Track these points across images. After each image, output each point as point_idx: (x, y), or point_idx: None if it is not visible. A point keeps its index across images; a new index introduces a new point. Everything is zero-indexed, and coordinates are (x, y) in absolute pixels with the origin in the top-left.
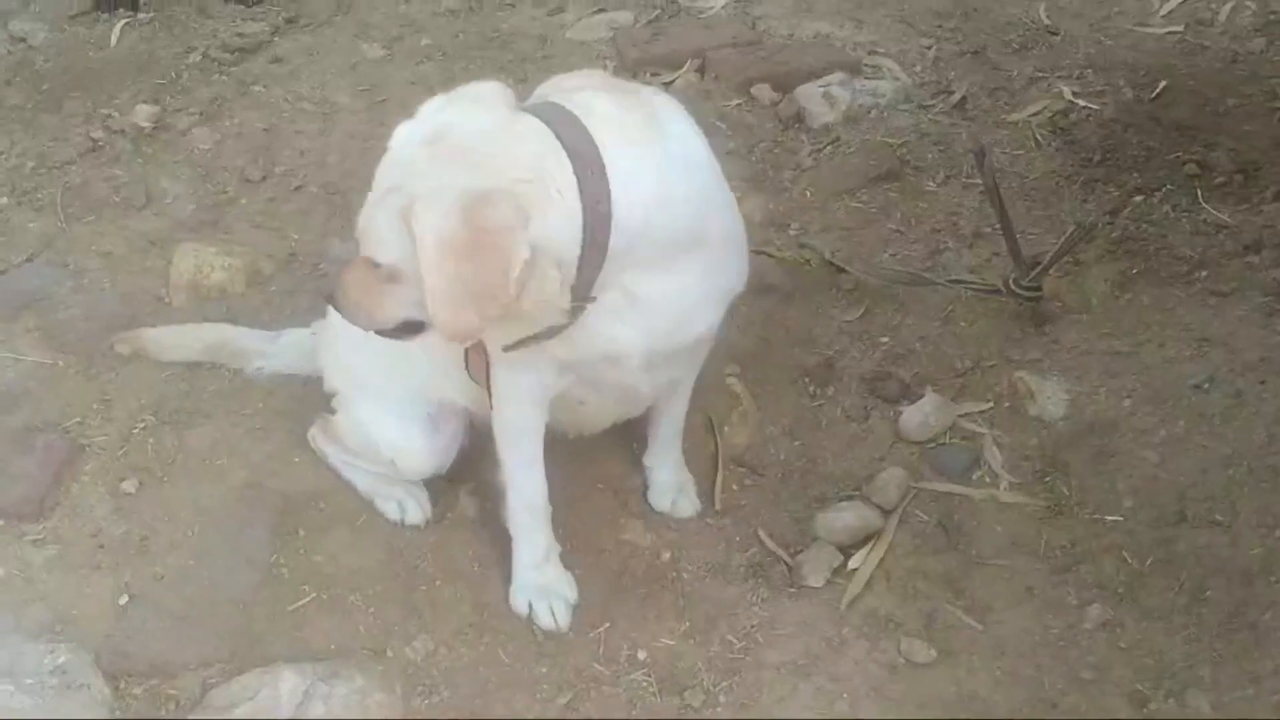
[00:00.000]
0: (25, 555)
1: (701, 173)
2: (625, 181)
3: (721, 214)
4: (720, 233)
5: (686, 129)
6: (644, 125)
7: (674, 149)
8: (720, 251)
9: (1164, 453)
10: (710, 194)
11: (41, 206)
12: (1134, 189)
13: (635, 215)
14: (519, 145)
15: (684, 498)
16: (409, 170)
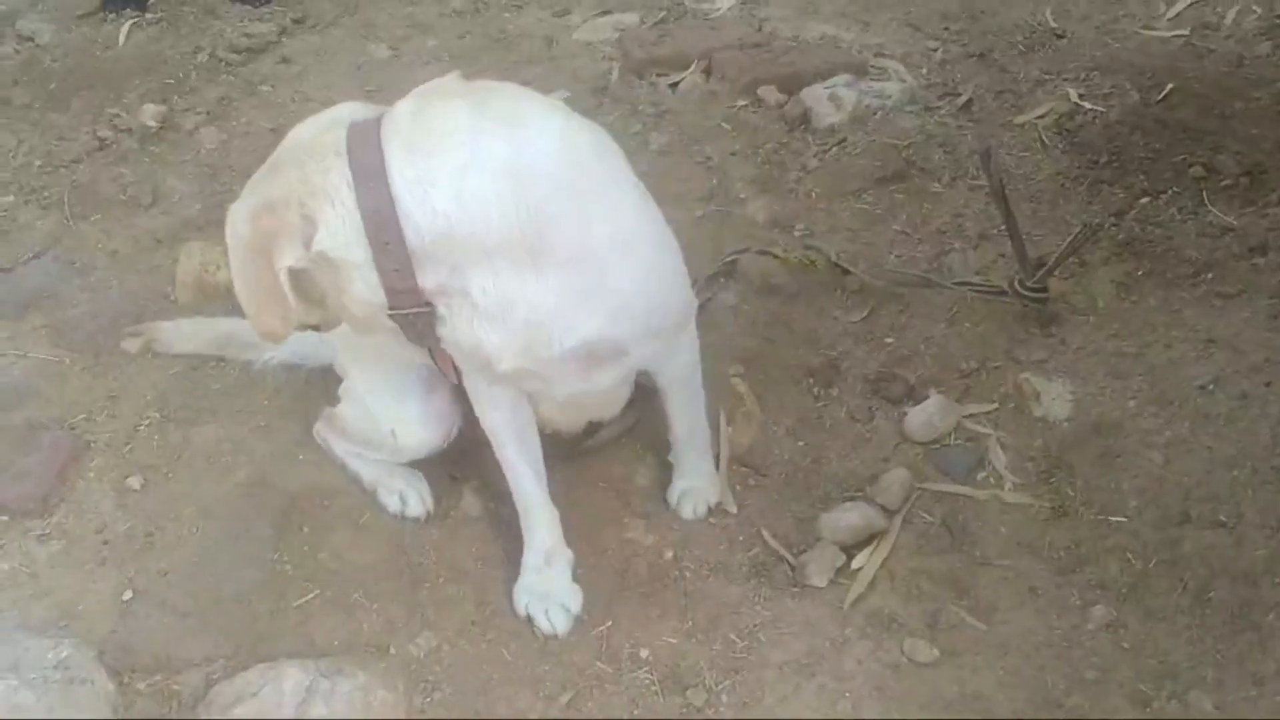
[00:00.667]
0: (30, 551)
1: (534, 178)
2: (411, 187)
3: (582, 221)
4: (579, 240)
5: (529, 133)
6: (451, 131)
7: (493, 152)
8: (586, 260)
9: (1169, 454)
10: (550, 198)
11: (49, 204)
12: (1140, 191)
13: (429, 220)
14: (311, 158)
15: (687, 501)
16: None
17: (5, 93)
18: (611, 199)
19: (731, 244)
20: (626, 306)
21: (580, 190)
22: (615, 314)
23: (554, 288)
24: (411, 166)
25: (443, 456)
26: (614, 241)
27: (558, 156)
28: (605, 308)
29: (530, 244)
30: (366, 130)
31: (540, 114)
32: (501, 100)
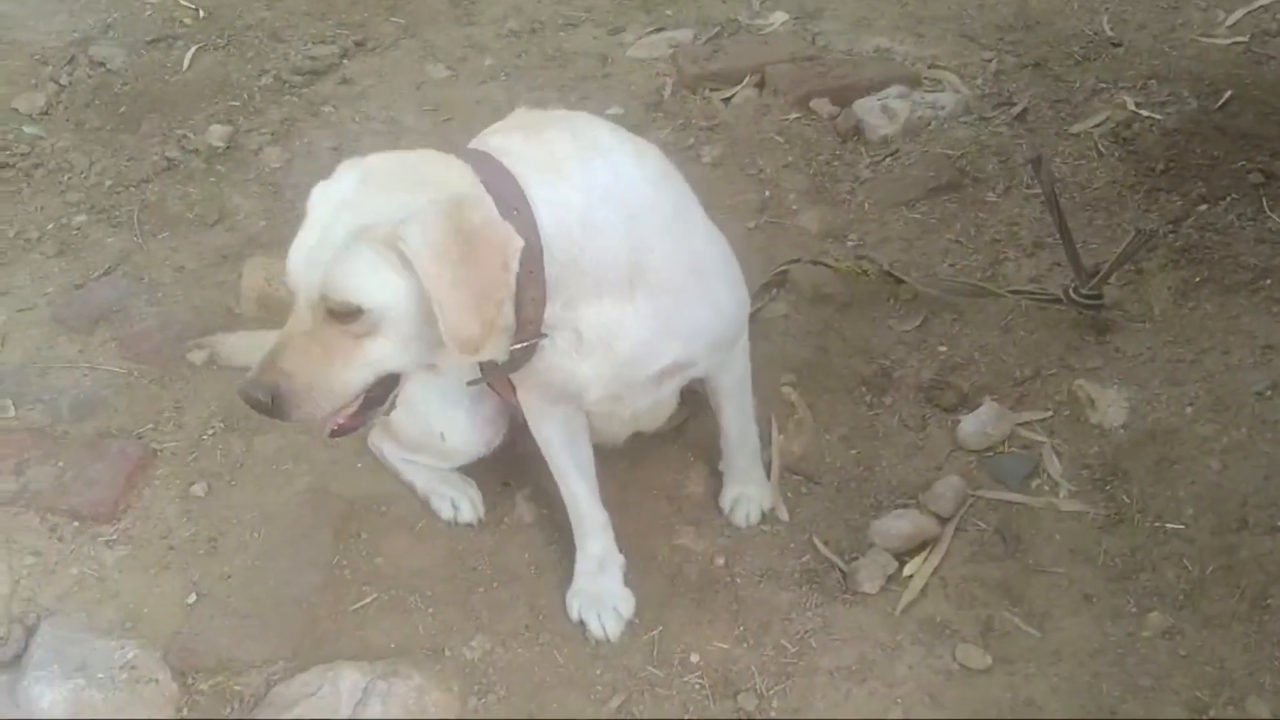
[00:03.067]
0: (99, 555)
1: (635, 205)
2: (550, 212)
3: (668, 246)
4: (669, 263)
5: (620, 159)
6: (566, 157)
7: (603, 181)
8: (671, 285)
9: (1226, 460)
10: (646, 224)
11: (119, 223)
12: (1198, 198)
13: (565, 248)
14: (448, 168)
15: (740, 508)
16: (356, 211)
17: (78, 115)
18: (686, 222)
19: (784, 255)
20: (702, 327)
21: (664, 216)
22: (692, 335)
23: (646, 316)
24: (549, 195)
25: (496, 464)
26: (691, 265)
27: (644, 183)
28: (685, 331)
29: (631, 273)
30: (488, 161)
31: (617, 139)
32: (586, 127)
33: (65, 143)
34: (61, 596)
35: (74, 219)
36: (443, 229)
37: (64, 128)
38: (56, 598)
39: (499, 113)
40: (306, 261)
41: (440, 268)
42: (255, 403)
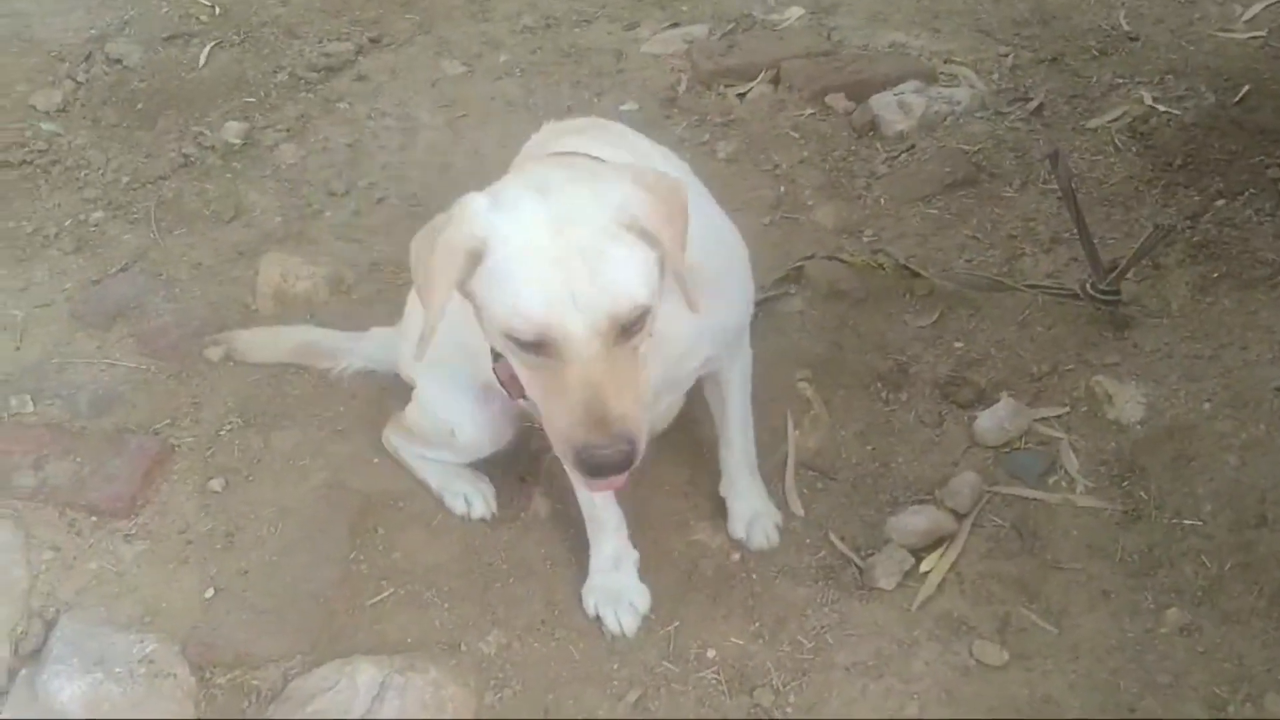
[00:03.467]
0: (117, 550)
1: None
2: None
3: (707, 246)
4: (708, 266)
5: (663, 164)
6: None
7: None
8: (707, 286)
9: (1244, 456)
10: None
11: (136, 219)
12: (1216, 193)
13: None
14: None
15: (758, 528)
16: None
17: (95, 112)
18: (714, 222)
19: (799, 250)
20: (725, 321)
21: (701, 218)
22: (719, 330)
23: (692, 318)
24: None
25: (512, 459)
26: (721, 263)
27: (684, 187)
28: (715, 326)
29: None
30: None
31: (649, 143)
32: (623, 132)
33: (82, 140)
34: (80, 591)
35: (91, 215)
36: (651, 201)
37: (81, 125)
38: (75, 592)
39: (513, 109)
40: (583, 294)
41: (670, 234)
42: (618, 463)
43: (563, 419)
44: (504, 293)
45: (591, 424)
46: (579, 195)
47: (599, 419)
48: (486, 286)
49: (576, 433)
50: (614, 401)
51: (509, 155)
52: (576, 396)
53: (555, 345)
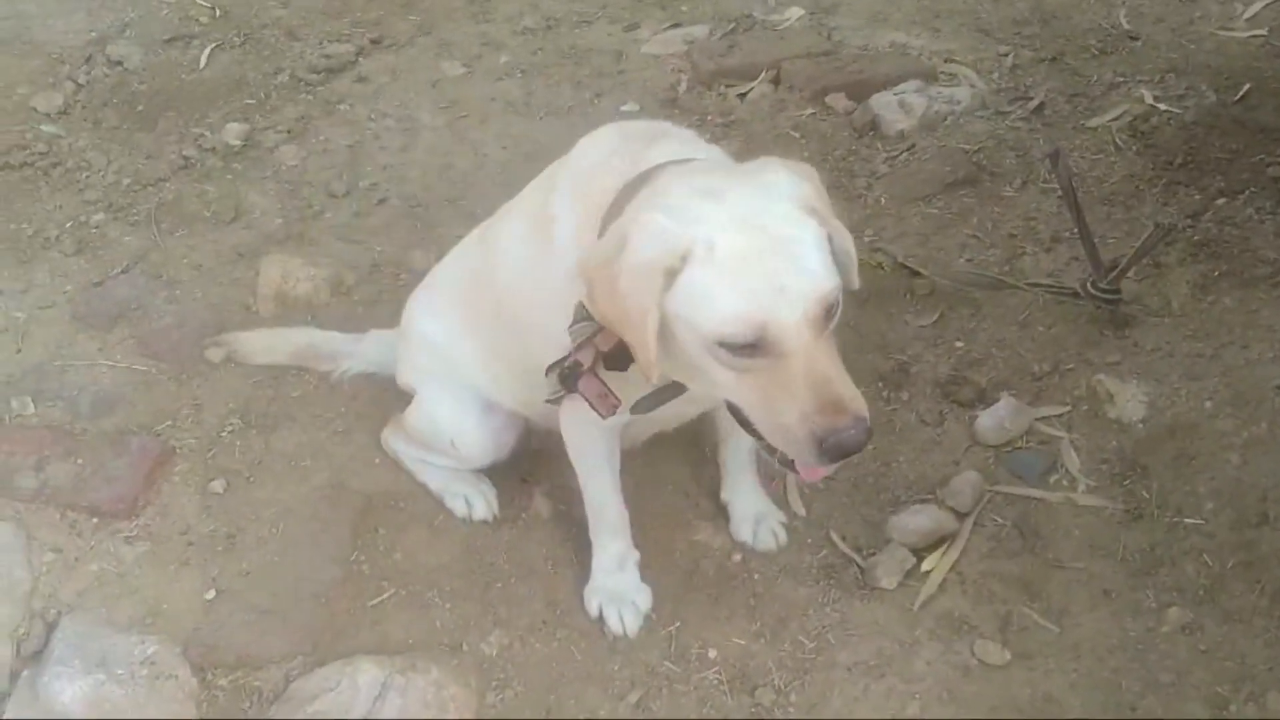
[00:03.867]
0: (118, 552)
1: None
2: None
3: None
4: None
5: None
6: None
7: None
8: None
9: (1246, 454)
10: None
11: (137, 221)
12: (1216, 192)
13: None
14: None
15: (763, 529)
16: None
17: (96, 114)
18: None
19: None
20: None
21: None
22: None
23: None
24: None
25: (514, 460)
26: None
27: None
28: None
29: None
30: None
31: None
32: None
33: (83, 141)
34: (81, 592)
35: (92, 217)
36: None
37: (82, 127)
38: (77, 594)
39: (514, 109)
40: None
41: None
42: (861, 442)
43: (793, 413)
44: (711, 302)
45: (829, 410)
46: (750, 191)
47: (835, 403)
48: (688, 301)
49: (816, 421)
50: (841, 385)
51: (510, 156)
52: (803, 387)
53: (771, 343)
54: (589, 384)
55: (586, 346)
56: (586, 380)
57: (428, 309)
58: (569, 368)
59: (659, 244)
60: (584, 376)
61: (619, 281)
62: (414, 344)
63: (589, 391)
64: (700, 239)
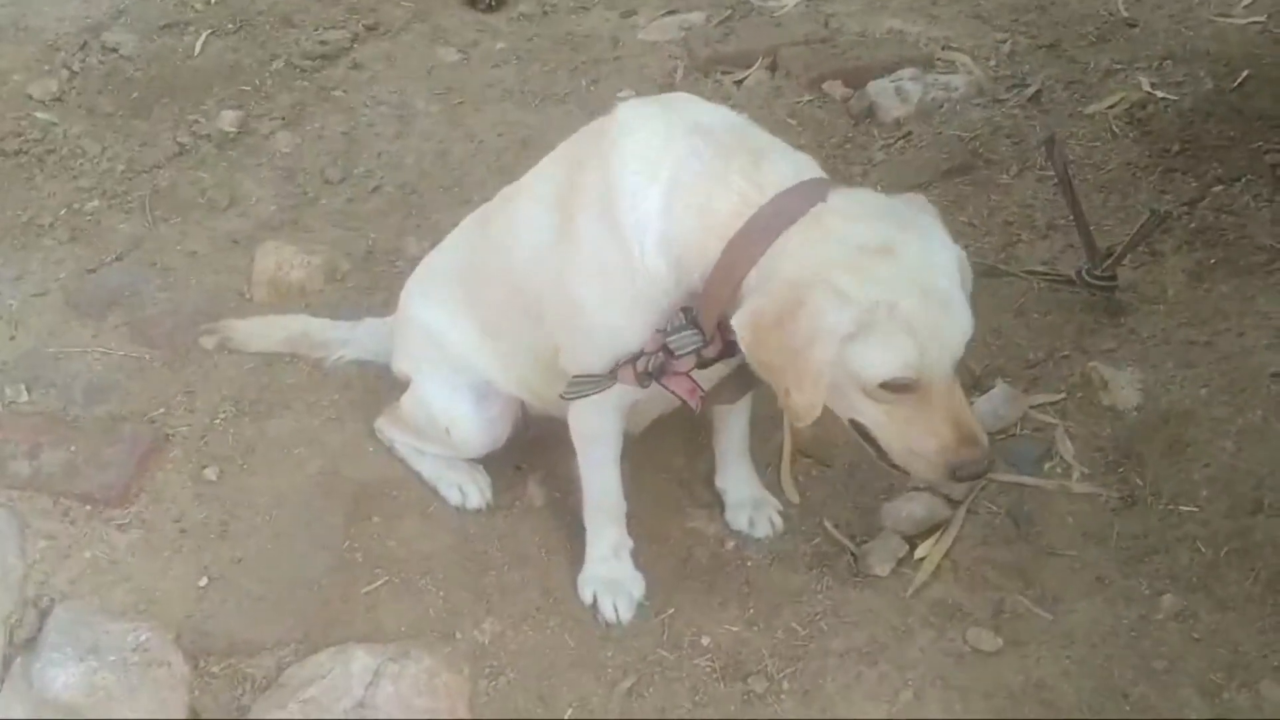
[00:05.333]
0: (111, 539)
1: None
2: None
3: None
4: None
5: None
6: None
7: None
8: None
9: (1240, 442)
10: None
11: (131, 208)
12: (1213, 179)
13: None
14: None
15: (760, 516)
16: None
17: (91, 101)
18: None
19: None
20: None
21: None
22: None
23: None
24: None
25: (509, 447)
26: None
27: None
28: None
29: None
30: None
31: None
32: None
33: (78, 129)
34: (74, 580)
35: (86, 205)
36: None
37: (76, 114)
38: (70, 581)
39: (509, 96)
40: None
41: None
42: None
43: (931, 444)
44: (884, 353)
45: (966, 444)
46: (925, 246)
47: (970, 438)
48: (863, 352)
49: (954, 453)
50: (971, 420)
51: (505, 142)
52: (944, 423)
53: (925, 386)
54: (681, 382)
55: (690, 356)
56: (679, 379)
57: (424, 296)
58: (655, 367)
59: (841, 313)
60: (677, 376)
61: (795, 340)
62: (410, 332)
63: (680, 389)
64: (882, 304)
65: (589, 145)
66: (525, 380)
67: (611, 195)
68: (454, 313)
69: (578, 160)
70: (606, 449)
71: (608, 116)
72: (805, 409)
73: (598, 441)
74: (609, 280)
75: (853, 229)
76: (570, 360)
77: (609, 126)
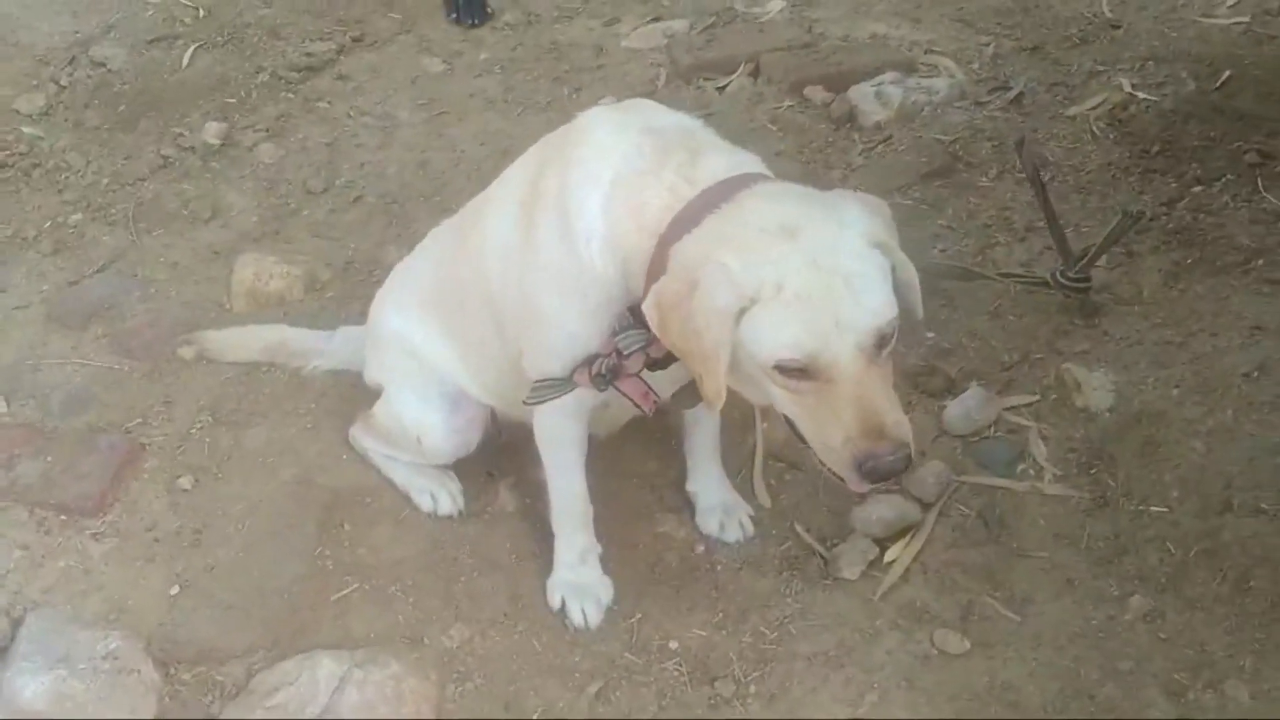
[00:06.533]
0: (85, 548)
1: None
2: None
3: None
4: None
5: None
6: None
7: None
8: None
9: (1211, 442)
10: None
11: (114, 221)
12: (1193, 179)
13: None
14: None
15: (730, 521)
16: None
17: (78, 115)
18: None
19: None
20: None
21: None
22: None
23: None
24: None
25: (480, 454)
26: None
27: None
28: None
29: None
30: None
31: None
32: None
33: (64, 142)
34: (48, 589)
35: (70, 217)
36: (879, 218)
37: (63, 128)
38: (43, 590)
39: (492, 105)
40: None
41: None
42: (899, 468)
43: (837, 435)
44: (772, 331)
45: (871, 435)
46: (827, 228)
47: (876, 429)
48: (753, 330)
49: (857, 445)
50: (886, 412)
51: (487, 152)
52: (850, 413)
53: (822, 369)
54: (633, 385)
55: (638, 355)
56: (631, 382)
57: (395, 305)
58: (608, 369)
59: (729, 291)
60: (628, 379)
61: (693, 321)
62: (381, 341)
63: (633, 392)
64: (769, 281)
65: (551, 151)
66: (495, 387)
67: (565, 200)
68: (425, 322)
69: (540, 166)
70: (570, 453)
71: (570, 123)
72: (713, 393)
73: (561, 446)
74: (564, 285)
75: (760, 212)
76: (531, 365)
77: (569, 133)
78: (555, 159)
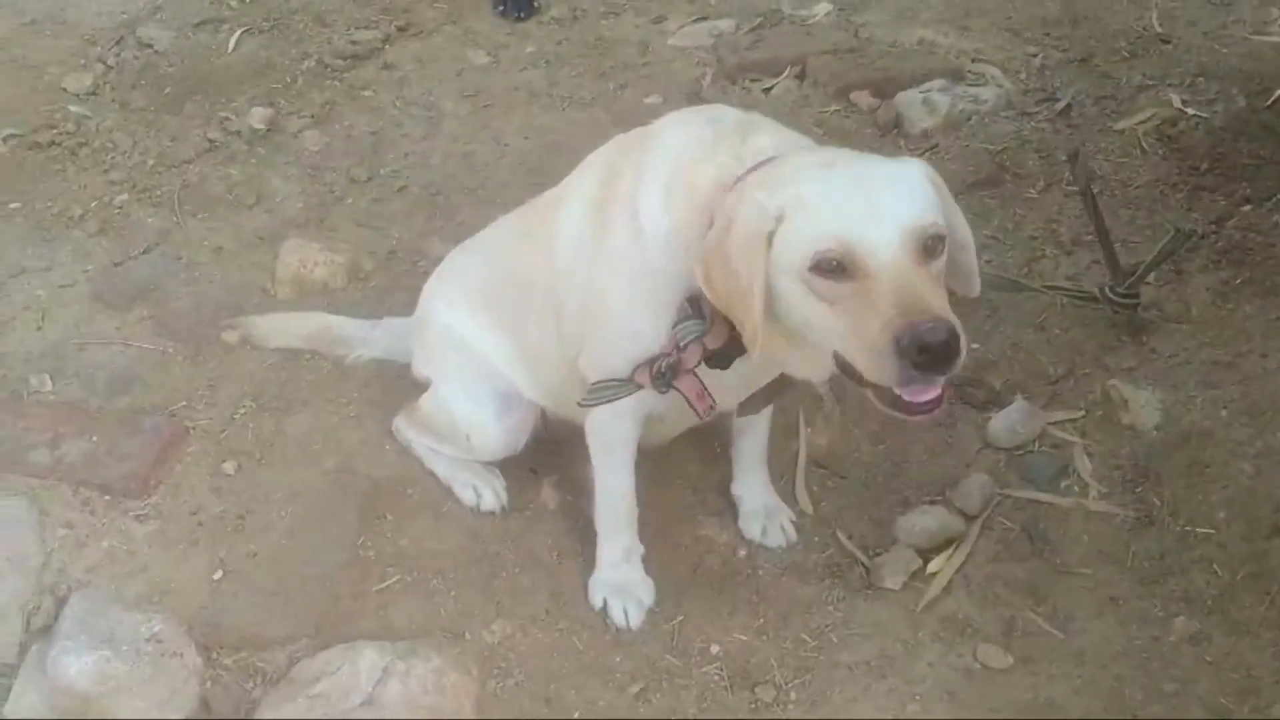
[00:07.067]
0: (129, 529)
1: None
2: None
3: None
4: None
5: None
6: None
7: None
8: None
9: (1260, 464)
10: None
11: (160, 203)
12: (1242, 198)
13: None
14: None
15: (773, 525)
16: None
17: (124, 96)
18: None
19: None
20: None
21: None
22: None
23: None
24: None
25: (524, 450)
26: None
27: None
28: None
29: None
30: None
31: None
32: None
33: (110, 122)
34: (91, 569)
35: (116, 198)
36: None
37: (109, 108)
38: (87, 570)
39: (537, 99)
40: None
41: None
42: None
43: (874, 325)
44: (804, 232)
45: (910, 313)
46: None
47: (915, 307)
48: (784, 244)
49: (894, 323)
50: (930, 299)
51: (531, 146)
52: (888, 301)
53: (861, 261)
54: (689, 383)
55: (694, 346)
56: (687, 380)
57: (445, 299)
58: (668, 367)
59: (758, 217)
60: (685, 376)
61: (730, 260)
62: (432, 335)
63: (689, 390)
64: (795, 195)
65: (625, 152)
66: (550, 387)
67: (636, 202)
68: (477, 317)
69: (614, 166)
70: (622, 453)
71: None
72: (750, 330)
73: (614, 445)
74: (634, 284)
75: (800, 159)
76: (591, 365)
77: (644, 136)
78: (629, 161)
